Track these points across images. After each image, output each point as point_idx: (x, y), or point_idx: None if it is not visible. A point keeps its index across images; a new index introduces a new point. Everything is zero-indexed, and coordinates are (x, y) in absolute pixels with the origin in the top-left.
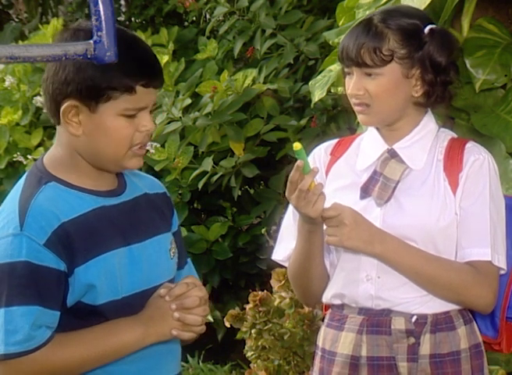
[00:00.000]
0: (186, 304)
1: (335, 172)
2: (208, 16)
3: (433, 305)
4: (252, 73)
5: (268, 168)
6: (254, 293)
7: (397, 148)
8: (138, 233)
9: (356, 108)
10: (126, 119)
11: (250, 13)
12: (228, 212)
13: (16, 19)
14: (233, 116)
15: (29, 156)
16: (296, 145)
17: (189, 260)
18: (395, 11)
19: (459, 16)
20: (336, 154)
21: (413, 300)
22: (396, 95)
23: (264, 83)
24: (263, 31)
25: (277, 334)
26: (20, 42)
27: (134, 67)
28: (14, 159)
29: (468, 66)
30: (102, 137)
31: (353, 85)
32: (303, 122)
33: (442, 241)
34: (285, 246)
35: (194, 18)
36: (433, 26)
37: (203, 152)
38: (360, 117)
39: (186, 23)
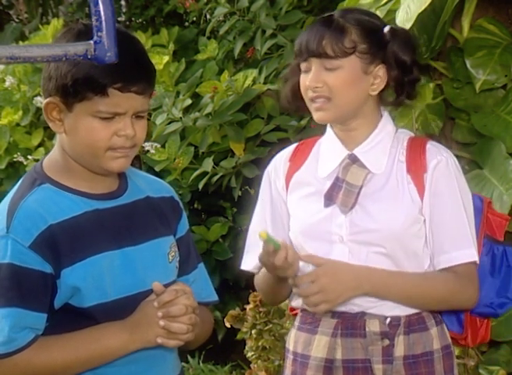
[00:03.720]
0: (173, 312)
1: (297, 180)
2: (208, 17)
3: (406, 307)
4: (252, 73)
5: None
6: (255, 293)
7: (357, 152)
8: (133, 236)
9: (313, 106)
10: (101, 121)
11: (250, 14)
12: (228, 212)
13: (17, 20)
14: (234, 116)
15: (29, 157)
16: (263, 234)
17: (200, 265)
18: (354, 9)
19: (459, 17)
20: (295, 161)
21: (386, 303)
22: (355, 89)
23: (265, 83)
24: (263, 31)
25: (277, 335)
26: (21, 42)
27: (108, 69)
28: (14, 160)
29: (469, 66)
30: (78, 138)
31: (312, 77)
32: (303, 122)
33: (409, 242)
34: (252, 256)
35: (195, 18)
36: (393, 25)
37: (203, 153)
38: (316, 115)
39: (186, 24)
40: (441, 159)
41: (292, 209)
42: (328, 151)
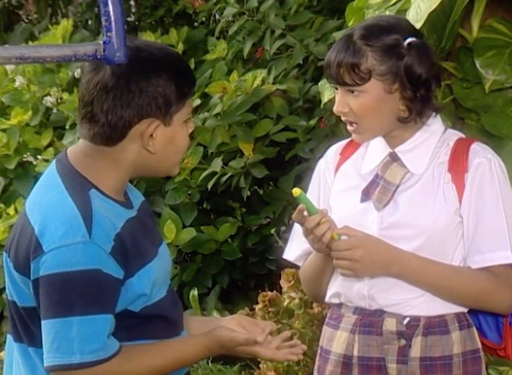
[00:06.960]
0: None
1: (342, 173)
2: (217, 17)
3: (427, 308)
4: (261, 73)
5: (278, 168)
6: (264, 293)
7: (399, 151)
8: (154, 241)
9: (348, 128)
10: (185, 126)
11: (259, 14)
12: (237, 212)
13: (26, 20)
14: (243, 116)
15: (39, 156)
16: (296, 191)
17: None
18: (375, 25)
19: (469, 17)
20: (345, 154)
21: (405, 302)
22: (381, 111)
23: (274, 83)
24: (272, 32)
25: None
26: (30, 43)
27: (187, 75)
28: (24, 160)
29: (478, 66)
30: (173, 148)
31: (338, 103)
32: (312, 122)
33: (440, 242)
34: (296, 246)
35: (204, 18)
36: (412, 39)
37: (212, 153)
38: (353, 136)
39: (195, 24)
40: (483, 160)
41: (332, 201)
42: (373, 149)
